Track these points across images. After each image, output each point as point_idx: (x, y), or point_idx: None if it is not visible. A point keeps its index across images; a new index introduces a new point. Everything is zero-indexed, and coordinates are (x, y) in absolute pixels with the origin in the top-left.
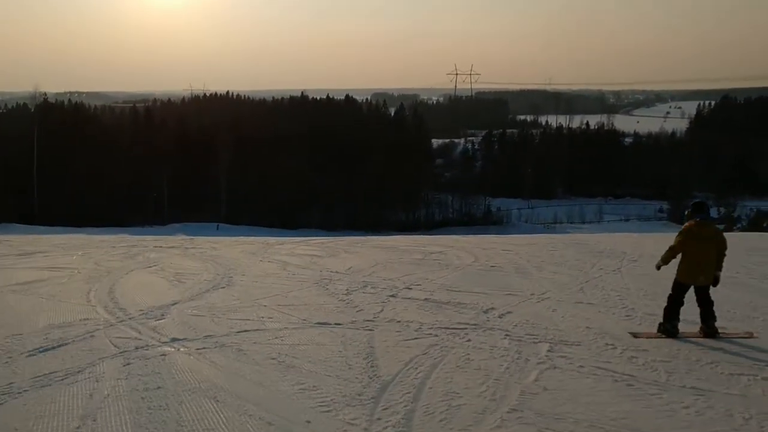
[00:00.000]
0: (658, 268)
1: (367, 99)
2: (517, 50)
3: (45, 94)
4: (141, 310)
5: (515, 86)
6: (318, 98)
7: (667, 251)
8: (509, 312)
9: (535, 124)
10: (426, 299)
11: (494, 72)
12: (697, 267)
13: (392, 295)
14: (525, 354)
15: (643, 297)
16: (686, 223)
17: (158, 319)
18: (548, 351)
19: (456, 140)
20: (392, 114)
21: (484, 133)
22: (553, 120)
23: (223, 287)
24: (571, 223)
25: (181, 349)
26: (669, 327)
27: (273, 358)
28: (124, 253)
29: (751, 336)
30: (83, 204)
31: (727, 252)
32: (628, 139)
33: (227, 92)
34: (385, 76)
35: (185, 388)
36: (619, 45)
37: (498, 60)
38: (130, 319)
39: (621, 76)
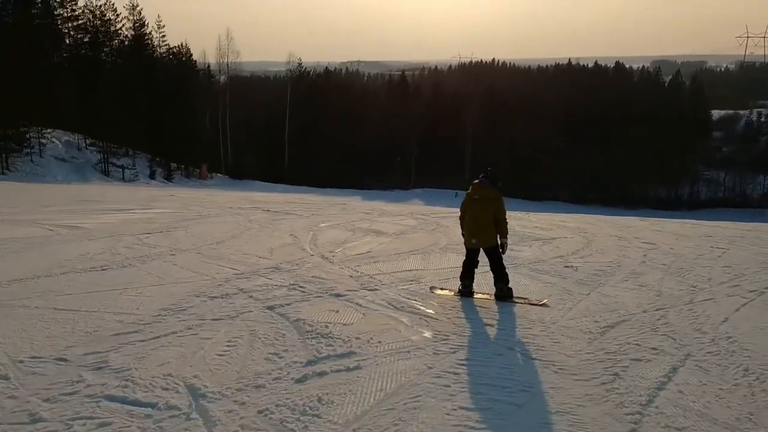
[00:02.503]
0: (463, 236)
1: (643, 66)
2: None
3: (300, 60)
4: None
5: None
6: (586, 65)
7: (459, 218)
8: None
9: None
10: (300, 320)
11: None
12: (471, 229)
13: (272, 307)
14: None
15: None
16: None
17: None
18: None
19: (741, 112)
20: (667, 82)
21: None
22: None
23: (129, 267)
24: None
25: None
26: (461, 287)
27: None
28: (212, 213)
29: (543, 304)
30: (330, 166)
31: (505, 218)
32: None
33: (492, 60)
34: (669, 41)
35: None
36: None
37: None
38: None
39: None
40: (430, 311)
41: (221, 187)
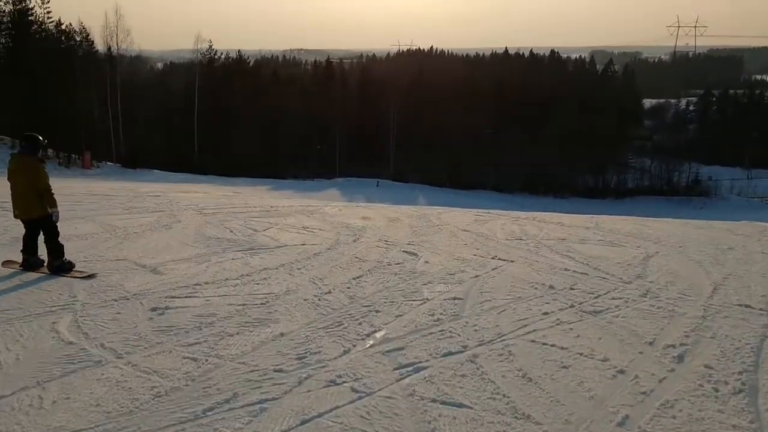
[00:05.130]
0: None
1: (580, 56)
2: None
3: (210, 42)
4: None
5: (756, 41)
6: (522, 54)
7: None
8: None
9: None
10: None
11: (730, 25)
12: (14, 202)
13: None
14: None
15: None
16: None
17: None
18: None
19: (672, 101)
20: (599, 72)
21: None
22: None
23: None
24: None
25: None
26: (23, 259)
27: None
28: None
29: (92, 276)
30: (246, 154)
31: (46, 187)
32: None
33: (431, 48)
34: (607, 32)
35: None
36: None
37: (735, 10)
38: None
39: None
40: None
41: (100, 177)
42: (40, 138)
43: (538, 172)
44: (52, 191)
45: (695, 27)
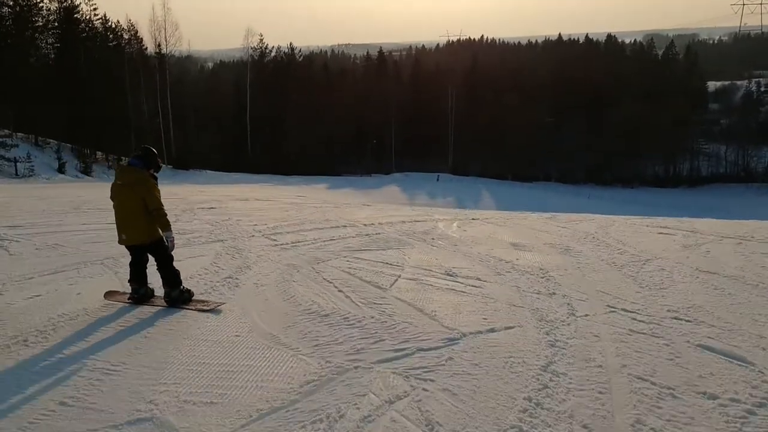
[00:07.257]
0: None
1: (635, 40)
2: None
3: (262, 37)
4: None
5: None
6: (576, 40)
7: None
8: None
9: None
10: None
11: None
12: (118, 222)
13: None
14: None
15: None
16: None
17: None
18: None
19: (738, 83)
20: (659, 55)
21: None
22: None
23: None
24: None
25: None
26: (132, 291)
27: None
28: None
29: (218, 310)
30: (300, 152)
31: (157, 207)
32: None
33: (481, 37)
34: (660, 14)
35: None
36: None
37: None
38: None
39: None
40: None
41: None
42: (156, 152)
43: (603, 161)
44: (165, 212)
45: (761, 4)
